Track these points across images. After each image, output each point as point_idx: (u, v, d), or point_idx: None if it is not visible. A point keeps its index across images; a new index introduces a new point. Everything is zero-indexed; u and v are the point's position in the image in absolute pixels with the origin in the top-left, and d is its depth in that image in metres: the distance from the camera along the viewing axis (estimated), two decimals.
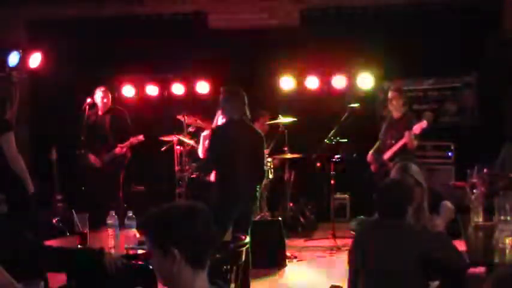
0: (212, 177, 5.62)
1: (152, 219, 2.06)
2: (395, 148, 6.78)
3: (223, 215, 5.03)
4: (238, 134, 5.33)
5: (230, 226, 5.09)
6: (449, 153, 8.25)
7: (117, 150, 7.30)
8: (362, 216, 6.43)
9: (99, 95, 7.36)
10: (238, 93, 5.43)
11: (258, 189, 5.57)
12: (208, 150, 5.53)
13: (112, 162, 7.31)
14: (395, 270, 3.24)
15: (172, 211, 2.07)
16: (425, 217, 3.87)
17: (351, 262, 3.51)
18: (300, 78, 8.66)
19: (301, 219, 8.17)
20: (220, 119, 7.06)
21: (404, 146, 6.70)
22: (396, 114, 6.94)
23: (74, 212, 4.24)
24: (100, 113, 7.40)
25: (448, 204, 4.29)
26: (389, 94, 7.01)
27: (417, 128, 6.61)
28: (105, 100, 7.37)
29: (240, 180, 5.24)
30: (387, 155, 6.84)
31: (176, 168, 7.66)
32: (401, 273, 3.23)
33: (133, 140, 7.36)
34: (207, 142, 5.71)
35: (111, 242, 4.13)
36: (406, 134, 6.65)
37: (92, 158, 7.28)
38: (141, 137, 7.38)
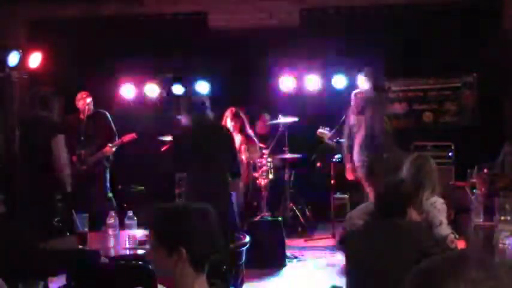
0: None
1: (162, 218, 2.05)
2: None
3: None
4: (204, 133, 5.19)
5: None
6: (450, 153, 8.25)
7: (107, 149, 7.26)
8: None
9: (80, 100, 7.33)
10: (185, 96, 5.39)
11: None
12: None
13: (96, 163, 7.29)
14: (394, 270, 3.23)
15: (182, 211, 2.06)
16: None
17: (348, 262, 3.51)
18: (300, 78, 8.65)
19: (301, 219, 8.16)
20: (228, 121, 7.22)
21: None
22: None
23: (73, 212, 4.24)
24: (82, 116, 7.35)
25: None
26: None
27: None
28: (86, 105, 7.32)
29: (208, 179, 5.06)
30: None
31: None
32: (400, 273, 3.23)
33: (125, 138, 7.34)
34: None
35: (111, 242, 4.13)
36: None
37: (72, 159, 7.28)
38: (132, 135, 7.36)
